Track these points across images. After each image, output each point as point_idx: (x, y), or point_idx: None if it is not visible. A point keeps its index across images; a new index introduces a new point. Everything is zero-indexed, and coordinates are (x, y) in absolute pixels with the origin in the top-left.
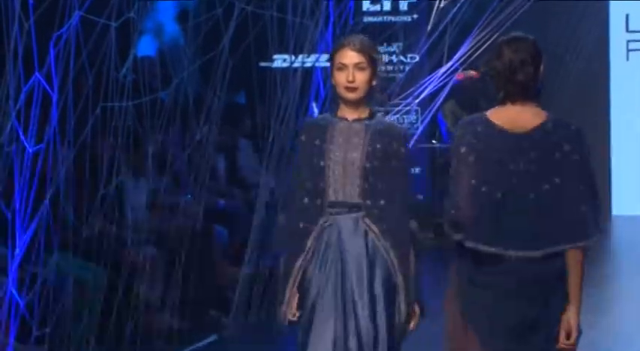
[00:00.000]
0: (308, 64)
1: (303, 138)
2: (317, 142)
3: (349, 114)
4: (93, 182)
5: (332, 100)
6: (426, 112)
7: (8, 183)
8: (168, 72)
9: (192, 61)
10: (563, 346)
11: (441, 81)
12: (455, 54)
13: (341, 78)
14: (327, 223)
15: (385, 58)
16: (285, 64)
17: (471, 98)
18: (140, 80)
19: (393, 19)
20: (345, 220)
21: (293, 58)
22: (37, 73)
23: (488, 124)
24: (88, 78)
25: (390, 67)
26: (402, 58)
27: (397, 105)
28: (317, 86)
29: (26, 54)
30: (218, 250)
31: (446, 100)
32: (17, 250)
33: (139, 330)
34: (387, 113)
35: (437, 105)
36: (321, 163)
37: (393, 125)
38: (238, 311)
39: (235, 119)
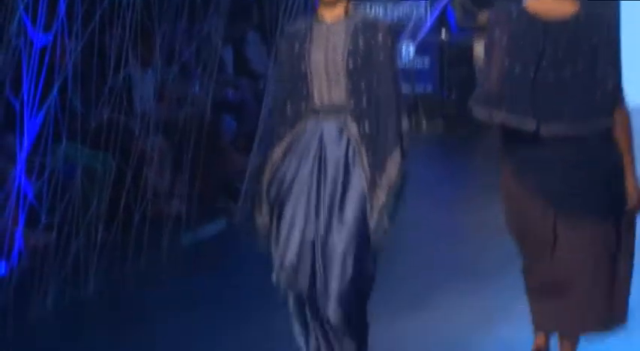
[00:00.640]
0: None
1: (283, 45)
2: (297, 46)
3: (328, 15)
4: (101, 73)
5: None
6: (436, 4)
7: (17, 74)
8: None
9: None
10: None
11: None
12: None
13: None
14: (310, 126)
15: None
16: None
17: None
18: None
19: None
20: (329, 125)
21: None
22: None
23: (523, 11)
24: None
25: None
26: None
27: None
28: None
29: None
30: (226, 140)
31: None
32: (26, 140)
33: (147, 217)
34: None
35: None
36: (303, 68)
37: (376, 19)
38: (246, 199)
39: (243, 11)
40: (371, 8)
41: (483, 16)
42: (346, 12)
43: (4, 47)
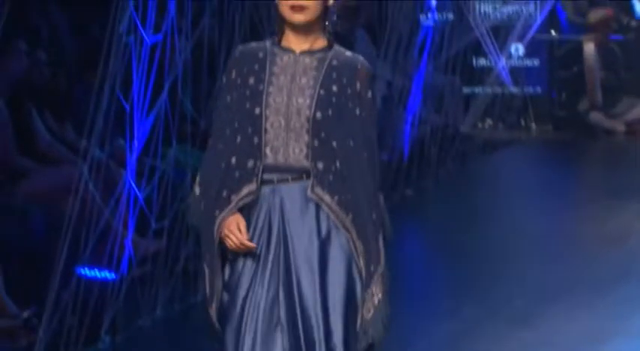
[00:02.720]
0: None
1: (232, 73)
2: (251, 80)
3: (296, 43)
4: (211, 74)
5: (276, 24)
6: (545, 2)
7: (126, 75)
8: None
9: None
10: None
11: None
12: None
13: None
14: (265, 195)
15: None
16: None
17: None
18: None
19: None
20: (290, 192)
21: None
22: None
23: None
24: None
25: None
26: None
27: None
28: None
29: None
30: None
31: None
32: (136, 143)
33: None
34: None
35: None
36: (257, 111)
37: (355, 59)
38: None
39: (352, 9)
40: (480, 7)
41: (595, 14)
42: (327, 45)
43: (115, 48)
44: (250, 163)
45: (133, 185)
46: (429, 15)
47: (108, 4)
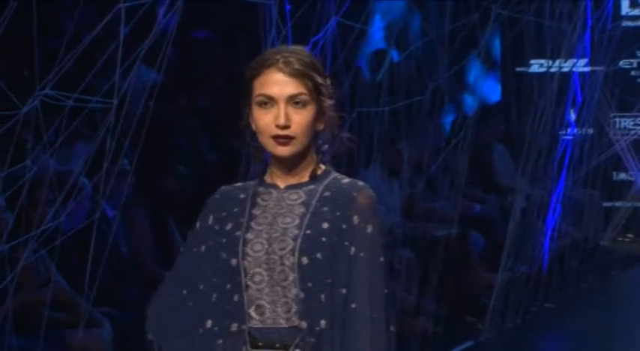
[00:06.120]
0: (565, 69)
1: (209, 219)
2: (229, 226)
3: (281, 178)
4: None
5: (253, 157)
6: None
7: None
8: (422, 76)
9: (448, 67)
10: None
11: None
12: None
13: (264, 120)
14: None
15: None
16: (541, 69)
17: None
18: (395, 84)
19: None
20: None
21: (550, 63)
22: None
23: None
24: (344, 83)
25: None
26: None
27: None
28: (574, 92)
29: None
30: (474, 256)
31: None
32: None
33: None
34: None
35: None
36: (233, 262)
37: (353, 186)
38: (494, 317)
39: (490, 123)
40: (619, 122)
41: None
42: (317, 175)
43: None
44: (234, 327)
45: None
46: (568, 129)
47: None
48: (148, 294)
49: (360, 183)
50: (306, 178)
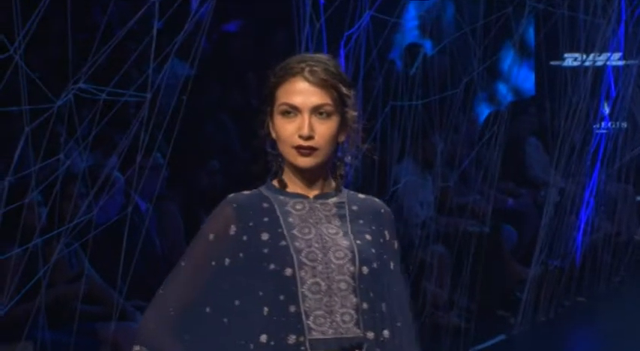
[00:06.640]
0: (599, 63)
1: (231, 229)
2: (265, 236)
3: (303, 188)
4: (382, 180)
5: (264, 165)
6: None
7: None
8: (456, 70)
9: (482, 60)
10: None
11: None
12: None
13: (287, 129)
14: None
15: None
16: (575, 63)
17: None
18: (429, 78)
19: None
20: None
21: (584, 56)
22: None
23: None
24: (378, 77)
25: None
26: None
27: None
28: (608, 86)
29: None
30: (507, 250)
31: None
32: None
33: (426, 327)
34: None
35: None
36: (287, 272)
37: (375, 202)
38: (526, 311)
39: (524, 117)
40: None
41: None
42: (338, 186)
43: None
44: (291, 340)
45: None
46: (602, 123)
47: None
48: None
49: (378, 200)
50: (327, 189)
